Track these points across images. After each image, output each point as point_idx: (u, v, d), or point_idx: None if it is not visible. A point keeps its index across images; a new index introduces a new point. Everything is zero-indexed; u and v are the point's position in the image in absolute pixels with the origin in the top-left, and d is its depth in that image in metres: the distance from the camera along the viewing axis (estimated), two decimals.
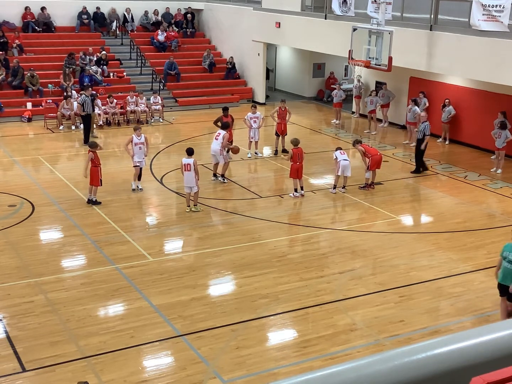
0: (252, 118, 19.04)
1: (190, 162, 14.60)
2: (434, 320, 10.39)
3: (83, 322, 10.01)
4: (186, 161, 14.65)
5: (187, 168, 14.61)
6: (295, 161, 15.88)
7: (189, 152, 14.73)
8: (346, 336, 9.79)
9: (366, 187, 16.82)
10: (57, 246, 13.08)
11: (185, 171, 14.64)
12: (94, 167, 15.13)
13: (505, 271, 9.56)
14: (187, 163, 14.62)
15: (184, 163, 14.67)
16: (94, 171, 15.14)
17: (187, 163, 14.62)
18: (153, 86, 26.64)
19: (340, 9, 21.60)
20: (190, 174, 14.63)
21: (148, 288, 11.20)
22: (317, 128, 23.87)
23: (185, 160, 14.67)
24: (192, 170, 14.60)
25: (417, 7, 20.44)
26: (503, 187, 17.35)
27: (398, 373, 1.56)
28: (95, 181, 15.16)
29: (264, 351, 9.31)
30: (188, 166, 14.59)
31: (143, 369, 8.93)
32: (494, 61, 17.01)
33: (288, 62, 30.07)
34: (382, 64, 18.48)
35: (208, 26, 30.99)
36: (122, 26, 29.16)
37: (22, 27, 27.40)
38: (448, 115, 21.17)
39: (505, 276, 9.61)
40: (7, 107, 23.57)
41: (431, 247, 13.37)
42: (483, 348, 1.64)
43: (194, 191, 14.79)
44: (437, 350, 1.61)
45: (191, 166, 14.58)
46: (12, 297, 10.79)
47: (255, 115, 19.09)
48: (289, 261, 12.43)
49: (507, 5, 16.29)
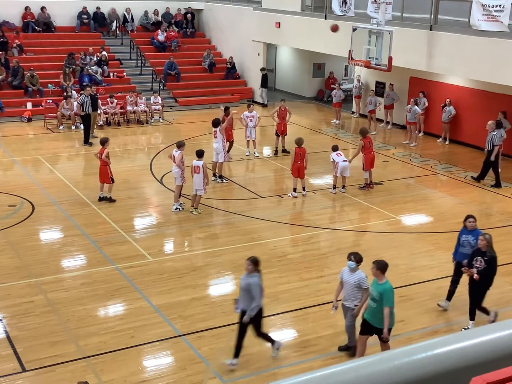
0: (248, 117, 19.05)
1: (200, 165, 14.39)
2: (434, 320, 10.40)
3: (83, 322, 10.01)
4: (195, 163, 14.48)
5: (196, 170, 14.44)
6: (296, 160, 15.88)
7: (199, 154, 14.55)
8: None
9: (366, 187, 16.83)
10: (57, 246, 13.08)
11: (194, 173, 14.48)
12: (103, 166, 15.18)
13: (370, 309, 8.77)
14: (197, 165, 14.45)
15: (193, 165, 14.52)
16: (104, 169, 15.19)
17: (196, 166, 14.45)
18: (153, 86, 26.64)
19: (340, 9, 21.60)
20: (199, 177, 14.44)
21: (148, 288, 11.20)
22: (317, 128, 23.86)
23: (195, 163, 14.50)
24: (201, 172, 14.38)
25: (417, 7, 20.44)
26: (503, 187, 17.34)
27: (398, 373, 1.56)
28: (106, 178, 15.23)
29: (264, 351, 9.31)
30: (197, 169, 14.42)
31: (143, 369, 8.93)
32: (494, 61, 17.01)
33: (288, 62, 30.06)
34: (382, 64, 18.48)
35: (208, 26, 30.98)
36: (122, 26, 29.16)
37: (22, 27, 27.39)
38: (449, 115, 21.17)
39: (373, 314, 8.72)
40: (7, 107, 23.57)
41: (431, 247, 13.37)
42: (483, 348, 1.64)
43: (199, 193, 14.65)
44: (437, 350, 1.61)
45: (200, 168, 14.37)
46: (12, 297, 10.79)
47: (251, 114, 19.08)
48: (289, 261, 12.43)
49: (507, 5, 16.29)
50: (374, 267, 8.65)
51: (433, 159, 19.92)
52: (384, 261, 8.82)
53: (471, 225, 10.36)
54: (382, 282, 8.62)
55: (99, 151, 15.43)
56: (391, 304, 8.64)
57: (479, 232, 10.17)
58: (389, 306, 8.58)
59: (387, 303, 8.56)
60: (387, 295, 8.55)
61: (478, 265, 9.71)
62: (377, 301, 8.62)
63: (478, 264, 9.72)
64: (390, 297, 8.59)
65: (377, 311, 8.66)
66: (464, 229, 10.46)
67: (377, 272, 8.65)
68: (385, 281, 8.64)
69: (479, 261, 9.72)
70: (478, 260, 9.73)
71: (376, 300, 8.62)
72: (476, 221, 10.46)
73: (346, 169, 16.29)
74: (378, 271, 8.64)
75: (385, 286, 8.61)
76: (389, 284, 8.63)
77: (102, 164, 15.26)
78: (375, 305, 8.66)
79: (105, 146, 15.28)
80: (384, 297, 8.54)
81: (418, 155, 20.44)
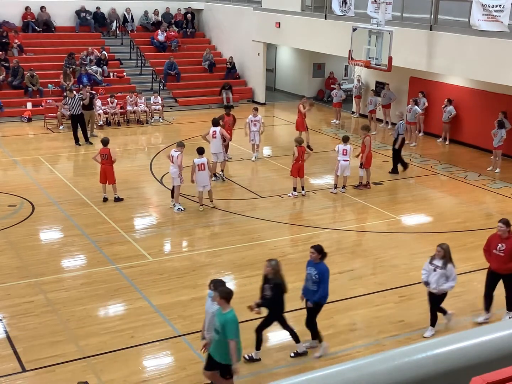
0: (252, 121, 19.02)
1: (204, 162, 14.68)
2: None
3: (83, 322, 10.01)
4: (199, 161, 14.66)
5: (201, 167, 14.63)
6: (298, 160, 15.86)
7: (200, 152, 14.76)
8: (346, 336, 9.79)
9: (360, 187, 16.78)
10: (57, 246, 13.09)
11: (199, 171, 14.64)
12: (109, 166, 15.17)
13: (213, 342, 7.94)
14: (202, 162, 14.65)
15: (198, 163, 14.63)
16: (109, 169, 15.19)
17: (201, 163, 14.64)
18: (153, 86, 26.63)
19: (340, 9, 21.59)
20: (204, 173, 14.72)
21: (148, 288, 11.20)
22: (317, 128, 23.85)
23: (198, 160, 14.66)
24: (206, 169, 14.70)
25: (417, 7, 20.43)
26: (503, 187, 17.35)
27: (398, 373, 1.56)
28: (112, 178, 15.27)
29: (264, 351, 9.31)
30: (203, 166, 14.64)
31: (143, 369, 8.94)
32: (494, 61, 17.00)
33: (288, 62, 30.06)
34: (382, 64, 18.47)
35: (208, 26, 30.98)
36: (122, 26, 29.15)
37: (22, 27, 27.38)
38: (449, 115, 21.17)
39: (215, 347, 7.91)
40: (7, 107, 23.56)
41: (431, 247, 13.30)
42: (483, 348, 1.64)
43: (207, 189, 14.94)
44: (437, 350, 1.61)
45: (205, 165, 14.66)
46: (12, 297, 10.79)
47: (256, 118, 19.04)
48: (289, 261, 12.42)
49: (507, 5, 16.28)
50: (217, 296, 7.73)
51: (433, 159, 19.92)
52: (228, 288, 7.99)
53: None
54: (226, 312, 7.73)
55: (100, 152, 15.37)
56: (235, 336, 7.73)
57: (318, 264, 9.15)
58: (233, 338, 7.67)
59: (230, 335, 7.64)
60: (229, 326, 7.64)
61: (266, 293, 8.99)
62: (219, 332, 7.71)
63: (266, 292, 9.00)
64: (233, 328, 7.68)
65: (219, 345, 7.78)
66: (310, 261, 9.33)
67: (221, 301, 7.72)
68: (229, 310, 7.74)
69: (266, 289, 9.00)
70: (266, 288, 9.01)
71: (219, 331, 7.72)
72: (315, 253, 9.13)
73: (347, 168, 16.28)
74: (222, 300, 7.72)
75: (228, 316, 7.68)
76: (233, 313, 7.73)
77: (107, 164, 15.23)
78: (218, 337, 7.76)
79: (107, 146, 15.28)
80: (226, 328, 7.64)
81: (418, 155, 20.44)
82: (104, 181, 15.31)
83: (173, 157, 14.74)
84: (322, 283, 9.09)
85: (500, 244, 9.91)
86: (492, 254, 10.03)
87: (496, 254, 9.93)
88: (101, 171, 15.38)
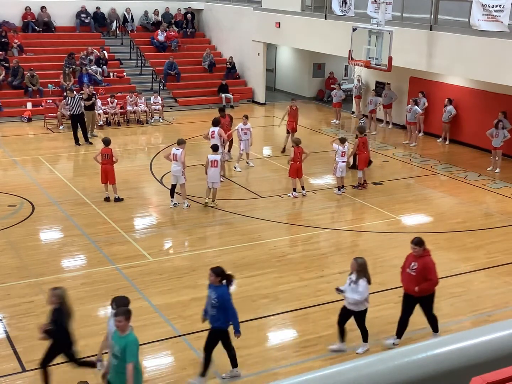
0: (243, 130, 18.59)
1: (217, 159, 14.92)
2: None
3: (83, 322, 10.00)
4: (213, 158, 14.93)
5: (213, 164, 14.88)
6: (295, 160, 15.88)
7: (214, 149, 15.10)
8: (346, 336, 9.78)
9: (359, 187, 16.81)
10: (57, 246, 13.09)
11: (211, 167, 14.88)
12: (110, 166, 15.19)
13: (112, 369, 7.34)
14: (214, 159, 14.90)
15: (211, 160, 14.90)
16: (110, 169, 15.21)
17: (214, 160, 14.89)
18: (153, 86, 26.63)
19: (340, 9, 21.59)
20: (216, 170, 14.95)
21: (148, 288, 11.20)
22: (317, 128, 23.86)
23: (212, 157, 14.94)
24: (218, 166, 14.95)
25: (417, 7, 20.44)
26: (503, 187, 17.35)
27: (398, 373, 1.56)
28: (113, 178, 15.31)
29: (264, 351, 9.31)
30: (216, 163, 14.88)
31: (143, 369, 8.92)
32: (494, 61, 17.01)
33: (288, 62, 30.06)
34: (382, 64, 18.48)
35: (208, 26, 30.98)
36: (122, 26, 29.15)
37: (22, 27, 27.39)
38: (449, 115, 21.17)
39: (116, 375, 7.29)
40: (7, 107, 23.57)
41: (431, 247, 13.27)
42: (483, 348, 1.65)
43: (215, 186, 15.07)
44: (437, 350, 1.61)
45: (218, 162, 14.90)
46: (12, 297, 10.80)
47: (246, 127, 18.53)
48: (289, 261, 12.43)
49: (507, 5, 16.29)
50: (123, 318, 7.08)
51: (433, 159, 19.91)
52: (128, 308, 7.36)
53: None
54: (126, 334, 7.09)
55: (102, 152, 15.36)
56: (135, 358, 7.14)
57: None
58: (133, 361, 7.08)
59: (130, 358, 7.04)
60: (130, 349, 7.04)
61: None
62: (118, 357, 7.10)
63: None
64: (134, 350, 7.11)
65: (119, 371, 7.16)
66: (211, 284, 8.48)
67: (126, 323, 7.08)
68: (129, 332, 7.13)
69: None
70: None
71: (118, 356, 7.10)
72: (213, 276, 8.34)
73: (344, 169, 16.33)
74: (127, 321, 7.07)
75: (129, 338, 7.09)
76: (133, 335, 7.15)
77: (108, 164, 15.24)
78: (117, 363, 7.15)
79: (109, 146, 15.30)
80: (127, 351, 7.03)
81: (418, 155, 20.44)
82: (105, 181, 15.33)
83: (176, 155, 14.75)
84: (222, 308, 8.18)
85: (413, 263, 9.28)
86: (404, 272, 9.44)
87: (408, 273, 9.31)
88: (101, 171, 15.38)
